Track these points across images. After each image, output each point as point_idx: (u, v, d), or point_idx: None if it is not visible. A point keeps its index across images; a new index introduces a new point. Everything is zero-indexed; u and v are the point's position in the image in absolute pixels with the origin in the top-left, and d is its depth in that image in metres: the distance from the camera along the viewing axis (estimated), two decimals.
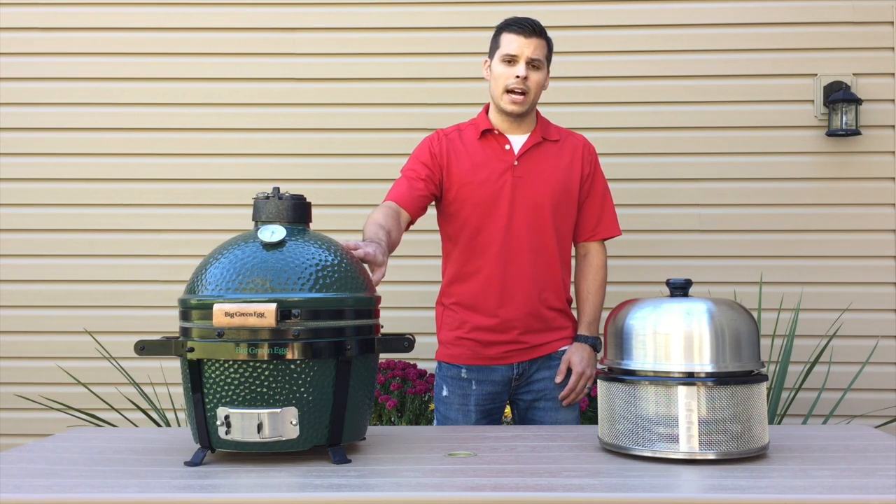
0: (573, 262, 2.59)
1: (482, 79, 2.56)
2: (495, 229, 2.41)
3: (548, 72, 2.47)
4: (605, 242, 2.58)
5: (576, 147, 2.51)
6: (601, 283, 2.54)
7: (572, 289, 2.58)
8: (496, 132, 2.47)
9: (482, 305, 2.43)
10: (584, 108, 3.54)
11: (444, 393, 2.48)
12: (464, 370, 2.45)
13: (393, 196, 2.39)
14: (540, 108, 2.59)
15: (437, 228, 2.56)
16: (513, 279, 2.42)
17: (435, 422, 2.53)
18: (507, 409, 2.65)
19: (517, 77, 2.37)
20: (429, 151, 2.46)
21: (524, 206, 2.42)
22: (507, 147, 2.45)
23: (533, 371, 2.46)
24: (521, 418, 2.51)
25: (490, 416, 2.47)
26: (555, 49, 2.54)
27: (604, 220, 2.54)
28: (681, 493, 1.43)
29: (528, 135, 2.47)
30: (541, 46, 2.40)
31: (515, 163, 2.43)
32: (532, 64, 2.38)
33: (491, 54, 2.46)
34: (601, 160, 2.60)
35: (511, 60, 2.38)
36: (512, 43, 2.38)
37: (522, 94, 2.39)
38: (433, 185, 2.43)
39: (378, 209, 2.30)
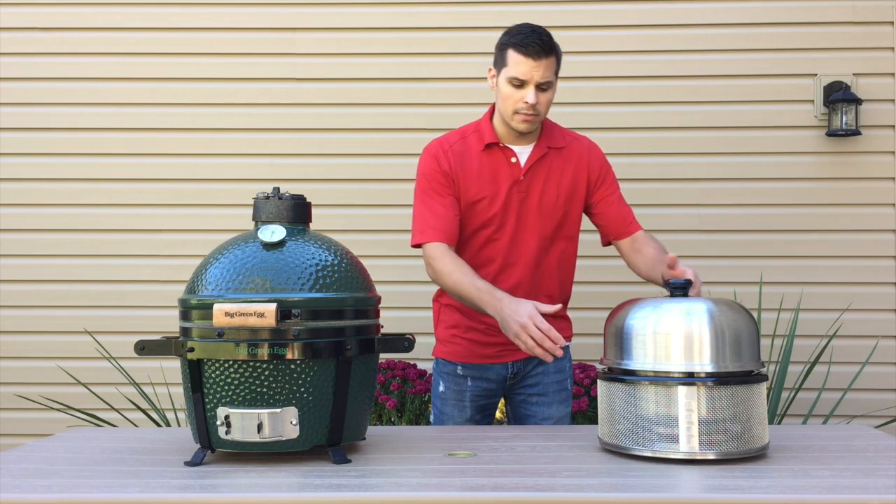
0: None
1: (482, 79, 2.54)
2: (500, 245, 2.37)
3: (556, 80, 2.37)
4: (612, 241, 2.54)
5: (581, 154, 2.44)
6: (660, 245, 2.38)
7: (574, 294, 2.56)
8: (501, 145, 2.38)
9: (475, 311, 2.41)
10: (584, 108, 3.54)
11: (441, 388, 2.49)
12: (459, 367, 2.46)
13: (440, 236, 2.29)
14: None
15: None
16: (508, 287, 2.38)
17: (431, 415, 2.55)
18: (501, 406, 2.66)
19: (526, 102, 2.24)
20: (440, 170, 2.36)
21: (530, 221, 2.37)
22: (514, 160, 2.37)
23: (529, 369, 2.46)
24: (514, 412, 2.52)
25: (484, 411, 2.49)
26: None
27: (631, 212, 2.48)
28: (681, 493, 1.43)
29: (532, 144, 2.39)
30: (550, 66, 2.24)
31: (521, 178, 2.37)
32: (541, 87, 2.25)
33: (497, 66, 2.33)
34: None
35: (520, 85, 2.24)
36: (520, 66, 2.22)
37: (534, 115, 2.29)
38: (458, 201, 2.36)
39: (446, 262, 2.23)
